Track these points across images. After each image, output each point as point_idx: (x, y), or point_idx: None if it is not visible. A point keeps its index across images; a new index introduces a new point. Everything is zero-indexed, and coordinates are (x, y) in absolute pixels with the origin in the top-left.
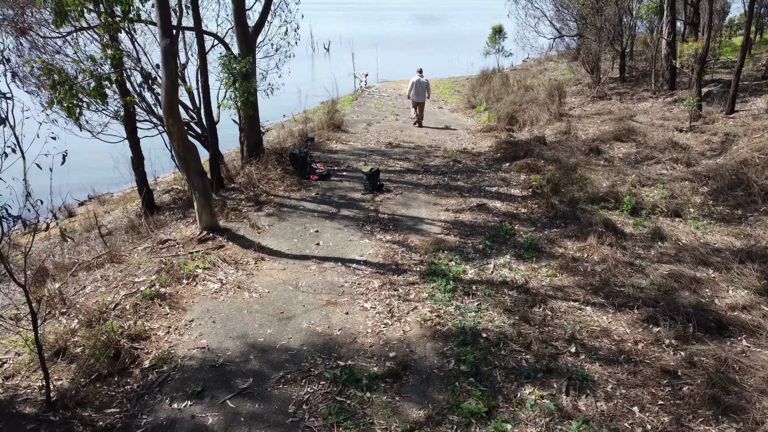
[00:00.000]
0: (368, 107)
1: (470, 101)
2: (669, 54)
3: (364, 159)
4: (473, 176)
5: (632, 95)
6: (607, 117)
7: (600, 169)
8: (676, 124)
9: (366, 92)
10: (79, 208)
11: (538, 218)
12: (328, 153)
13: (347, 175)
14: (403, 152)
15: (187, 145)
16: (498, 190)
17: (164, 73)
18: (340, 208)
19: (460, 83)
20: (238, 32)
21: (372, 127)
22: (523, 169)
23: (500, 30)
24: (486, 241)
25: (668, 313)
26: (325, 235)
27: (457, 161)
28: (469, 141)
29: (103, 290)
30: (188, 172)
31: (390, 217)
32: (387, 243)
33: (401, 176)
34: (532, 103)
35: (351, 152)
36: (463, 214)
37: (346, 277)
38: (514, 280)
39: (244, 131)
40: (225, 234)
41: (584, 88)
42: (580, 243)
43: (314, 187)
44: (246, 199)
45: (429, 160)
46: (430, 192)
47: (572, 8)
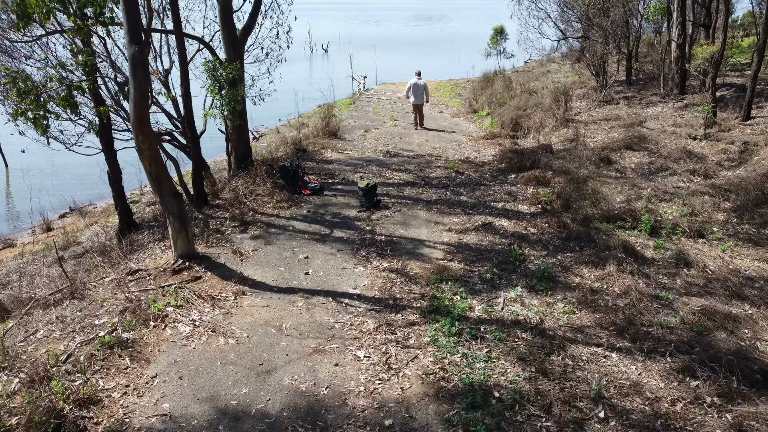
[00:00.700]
0: (366, 111)
1: (472, 105)
2: (679, 57)
3: (360, 170)
4: (477, 190)
5: (640, 99)
6: (615, 123)
7: (612, 181)
8: (689, 132)
9: (364, 95)
10: (59, 221)
11: (549, 240)
12: (323, 163)
13: (342, 189)
14: (403, 162)
15: (159, 164)
16: (504, 206)
17: (133, 84)
18: (333, 228)
19: (460, 86)
20: (225, 35)
21: (370, 134)
22: (531, 182)
23: (502, 31)
24: (494, 269)
25: (706, 362)
26: (315, 262)
27: (460, 172)
28: (471, 149)
29: (57, 335)
30: (161, 193)
31: (387, 240)
32: (384, 271)
33: (400, 190)
34: (536, 108)
35: (347, 162)
36: (468, 235)
37: (337, 315)
38: (528, 319)
39: (231, 141)
40: (203, 262)
41: (589, 92)
42: (598, 271)
43: (306, 203)
44: (231, 218)
45: (430, 171)
46: (431, 208)
47: (577, 9)
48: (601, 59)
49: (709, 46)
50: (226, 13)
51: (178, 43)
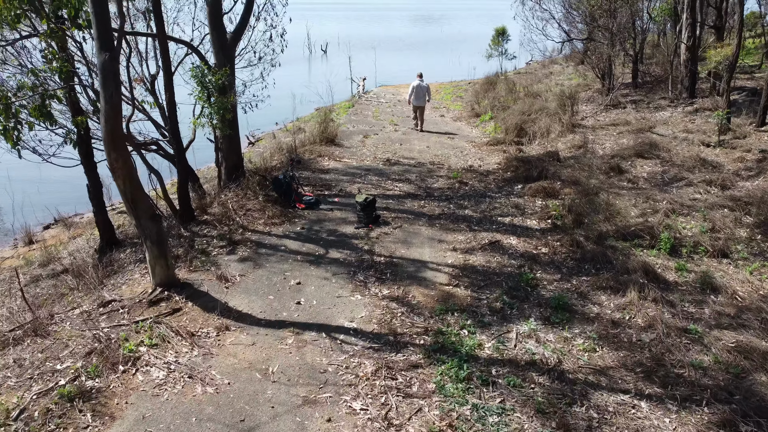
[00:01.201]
0: (365, 115)
1: (474, 109)
2: (689, 59)
3: (359, 180)
4: (482, 202)
5: (648, 103)
6: (624, 128)
7: (625, 192)
8: (701, 138)
9: (363, 98)
10: (43, 233)
11: (562, 261)
12: (319, 173)
13: (339, 201)
14: (403, 171)
15: (135, 183)
16: (512, 221)
17: (103, 96)
18: (328, 248)
19: (462, 88)
20: (214, 39)
21: (369, 140)
22: (539, 194)
23: (503, 32)
24: (504, 296)
25: (750, 414)
26: (308, 289)
27: (464, 183)
28: (475, 156)
29: (12, 383)
30: (137, 215)
31: (387, 261)
32: (383, 299)
33: (401, 202)
34: (541, 112)
35: (345, 171)
36: (474, 256)
37: (330, 355)
38: (544, 359)
39: (221, 151)
40: (184, 291)
41: (595, 95)
42: (617, 298)
43: (300, 218)
44: (218, 236)
45: (432, 181)
46: (434, 224)
47: (582, 10)
48: (608, 61)
49: (722, 48)
50: (216, 15)
51: (161, 47)
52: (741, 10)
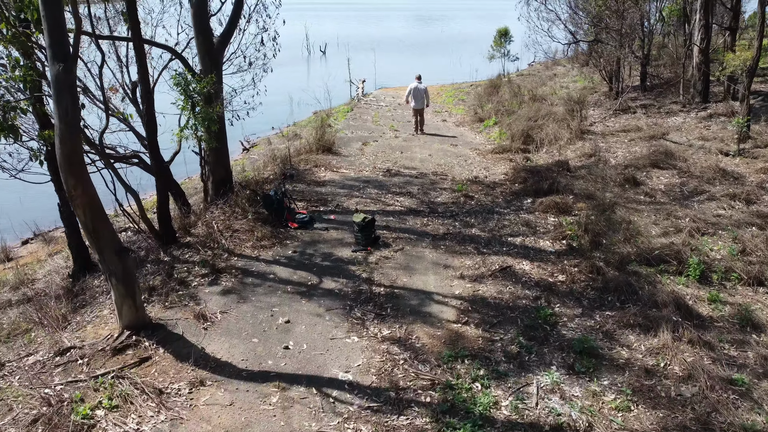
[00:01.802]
0: (364, 120)
1: (477, 113)
2: (702, 62)
3: (357, 193)
4: (490, 219)
5: (659, 108)
6: (635, 135)
7: (643, 208)
8: (719, 146)
9: (363, 101)
10: (21, 249)
11: (582, 290)
12: (315, 185)
13: (335, 219)
14: (404, 182)
15: (97, 213)
16: (524, 241)
17: (57, 114)
18: (322, 275)
19: (464, 91)
20: (200, 43)
21: (368, 148)
22: (551, 209)
23: (506, 33)
24: (520, 337)
25: None
26: (298, 329)
27: (469, 196)
28: (480, 165)
29: None
30: (100, 248)
31: (388, 292)
32: (383, 342)
33: (402, 220)
34: (548, 118)
35: (342, 183)
36: (484, 285)
37: (321, 419)
38: (572, 422)
39: (208, 165)
40: (156, 334)
41: (602, 99)
42: (648, 339)
43: (293, 240)
44: (201, 262)
45: (435, 194)
46: (439, 246)
47: (590, 10)
48: (616, 64)
49: (743, 52)
50: (201, 17)
51: (137, 52)
52: (762, 11)
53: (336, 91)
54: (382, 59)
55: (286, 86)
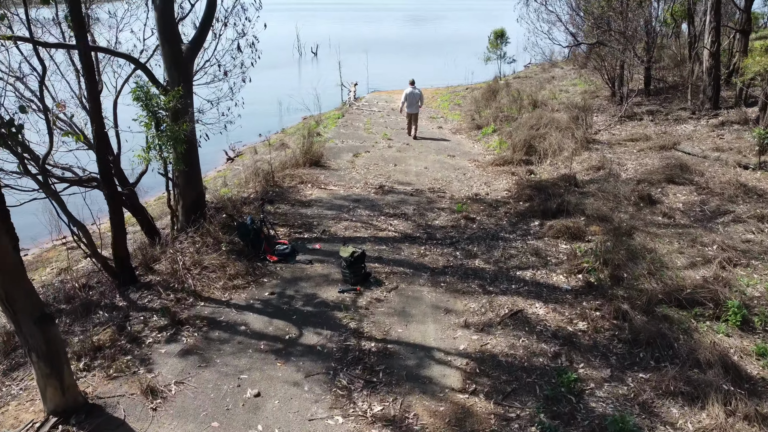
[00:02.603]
0: (356, 127)
1: (474, 120)
2: (712, 66)
3: (346, 215)
4: (495, 247)
5: (666, 114)
6: (644, 145)
7: (663, 232)
8: (737, 158)
9: (354, 106)
10: None
11: (608, 343)
12: (299, 206)
13: (321, 249)
14: (399, 201)
15: (11, 273)
16: (534, 275)
17: None
18: (303, 326)
19: (460, 94)
20: (166, 51)
21: (360, 160)
22: (562, 235)
23: (502, 34)
24: (541, 414)
25: None
26: (270, 406)
27: (470, 218)
28: (480, 180)
29: None
30: (14, 317)
31: (380, 348)
32: (374, 422)
33: (396, 249)
34: (551, 126)
35: (330, 203)
36: (493, 336)
37: None
38: None
39: (177, 187)
40: (90, 419)
41: (604, 104)
42: (694, 412)
43: (271, 277)
44: (161, 311)
45: (433, 216)
46: (439, 283)
47: (592, 11)
48: (620, 67)
49: (762, 56)
50: (167, 21)
51: (84, 61)
52: None
53: (327, 95)
54: (375, 61)
55: (275, 90)
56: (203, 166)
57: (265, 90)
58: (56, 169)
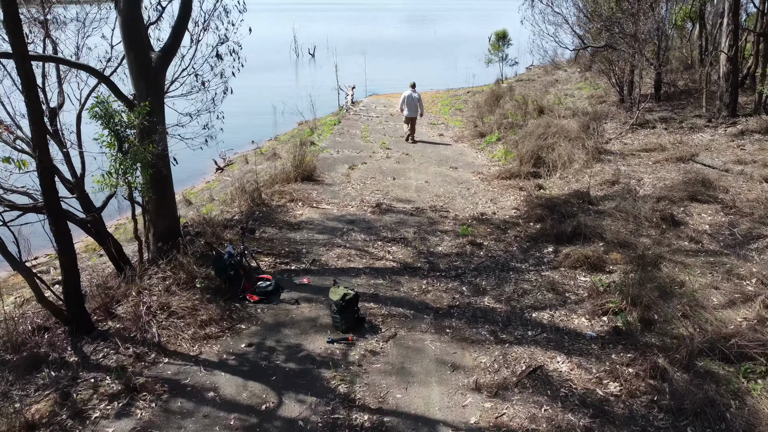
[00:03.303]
0: (353, 135)
1: (477, 126)
2: (730, 71)
3: (339, 240)
4: (506, 280)
5: (680, 122)
6: (660, 156)
7: (693, 262)
8: (762, 173)
9: (352, 111)
10: None
11: (646, 412)
12: (288, 230)
13: (309, 284)
14: (398, 222)
15: None
16: (553, 318)
17: None
18: (283, 391)
19: (461, 98)
20: (132, 61)
21: (356, 172)
22: (580, 264)
23: (504, 36)
24: None
25: None
26: None
27: (476, 243)
28: (485, 196)
29: None
30: None
31: (374, 424)
32: None
33: (394, 283)
34: (559, 136)
35: (322, 225)
36: (509, 403)
37: None
38: None
39: (147, 214)
40: None
41: (613, 109)
42: None
43: (250, 321)
44: (117, 370)
45: (435, 240)
46: (443, 328)
47: (601, 13)
48: (629, 71)
49: None
50: (133, 27)
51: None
52: None
53: (324, 99)
54: (373, 63)
55: (271, 93)
56: (191, 176)
57: (261, 93)
58: (10, 193)
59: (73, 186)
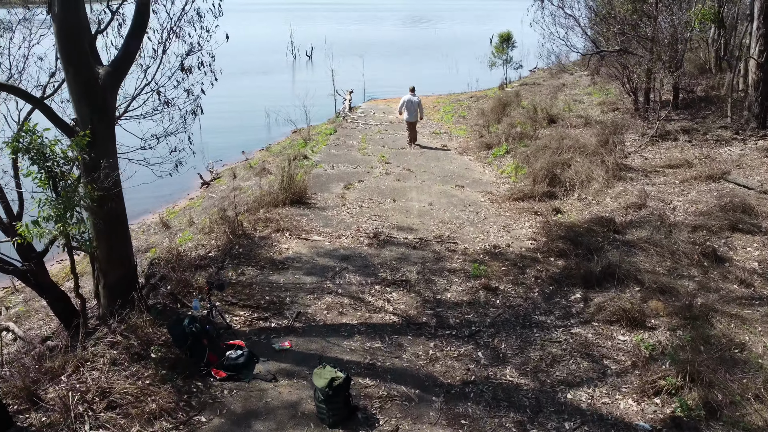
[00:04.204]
0: (349, 147)
1: (483, 137)
2: (760, 80)
3: (329, 285)
4: (530, 341)
5: (704, 134)
6: (687, 174)
7: (749, 314)
8: None
9: (349, 118)
10: None
11: None
12: (270, 269)
13: (293, 349)
14: (399, 258)
15: None
16: (593, 400)
17: None
18: None
19: (464, 104)
20: (71, 78)
21: (351, 193)
22: (618, 319)
23: (508, 38)
24: None
25: None
26: None
27: (491, 288)
28: (497, 222)
29: None
30: None
31: None
32: None
33: (395, 347)
34: (575, 150)
35: (310, 263)
36: None
37: None
38: None
39: (95, 263)
40: None
41: (627, 118)
42: None
43: (212, 410)
44: None
45: (442, 283)
46: (457, 419)
47: (615, 16)
48: (646, 77)
49: None
50: (71, 35)
51: None
52: None
53: (320, 104)
54: (372, 66)
55: (267, 96)
56: (175, 191)
57: (255, 98)
58: None
59: (6, 227)
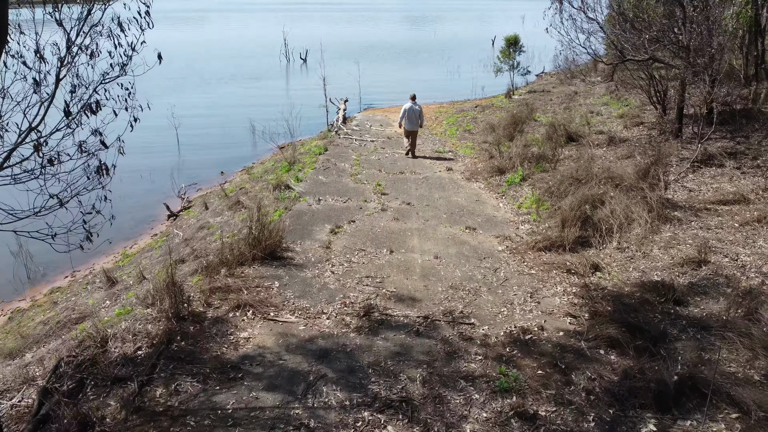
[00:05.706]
0: (340, 171)
1: (493, 157)
2: None
3: (298, 411)
4: None
5: (753, 158)
6: (747, 213)
7: None
8: None
9: (342, 133)
10: None
11: None
12: (216, 382)
13: None
14: (396, 357)
15: None
16: None
17: None
18: None
19: (469, 115)
20: None
21: (339, 240)
22: None
23: (515, 42)
24: None
25: None
26: None
27: (527, 415)
28: (521, 286)
29: None
30: None
31: None
32: None
33: None
34: (607, 182)
35: (276, 369)
36: None
37: None
38: None
39: None
40: None
41: (655, 134)
42: None
43: None
44: None
45: (458, 403)
46: None
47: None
48: (681, 90)
49: None
50: None
51: None
52: None
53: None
54: (369, 71)
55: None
56: (138, 223)
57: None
58: None
59: None
